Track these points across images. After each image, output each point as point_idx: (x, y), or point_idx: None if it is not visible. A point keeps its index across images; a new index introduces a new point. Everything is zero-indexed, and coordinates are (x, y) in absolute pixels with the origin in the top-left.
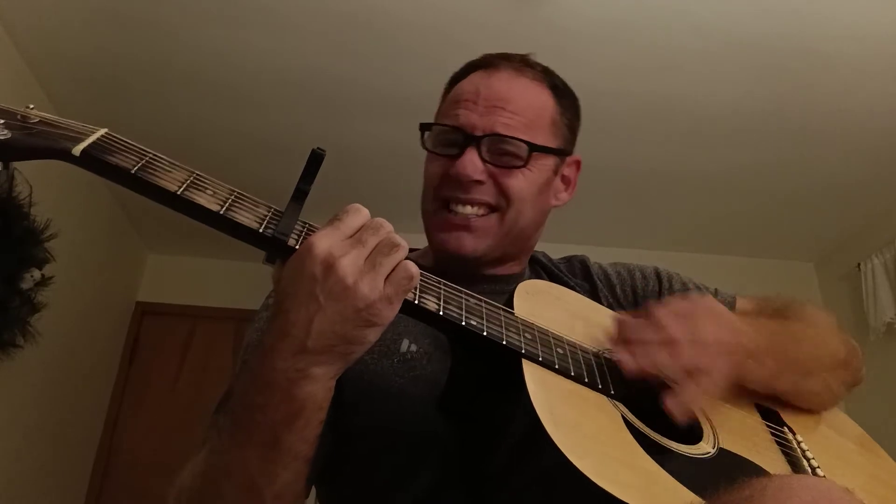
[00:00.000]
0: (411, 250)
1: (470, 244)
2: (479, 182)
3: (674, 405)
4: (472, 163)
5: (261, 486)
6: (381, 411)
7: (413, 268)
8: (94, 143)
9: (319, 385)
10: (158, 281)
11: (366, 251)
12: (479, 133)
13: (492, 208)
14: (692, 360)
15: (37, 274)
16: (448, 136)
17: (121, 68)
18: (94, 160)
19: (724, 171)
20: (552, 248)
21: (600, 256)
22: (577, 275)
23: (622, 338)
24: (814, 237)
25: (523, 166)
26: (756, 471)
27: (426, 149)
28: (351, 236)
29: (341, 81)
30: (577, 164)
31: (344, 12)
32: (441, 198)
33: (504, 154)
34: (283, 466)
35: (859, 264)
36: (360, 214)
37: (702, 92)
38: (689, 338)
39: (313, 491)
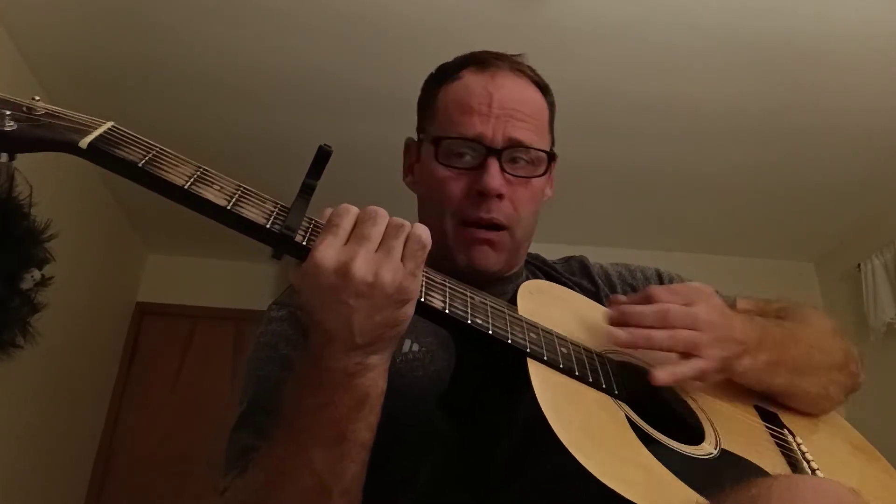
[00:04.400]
0: None
1: (493, 259)
2: (501, 197)
3: (664, 375)
4: (498, 176)
5: (329, 484)
6: (385, 410)
7: (423, 233)
8: (101, 136)
9: (379, 370)
10: (158, 281)
11: (373, 243)
12: (499, 145)
13: (505, 227)
14: (686, 336)
15: (37, 274)
16: (464, 148)
17: (121, 68)
18: (101, 153)
19: (724, 171)
20: (551, 249)
21: (600, 256)
22: (575, 274)
23: (618, 314)
24: (814, 237)
25: (544, 174)
26: (758, 472)
27: (440, 163)
28: (350, 236)
29: (344, 81)
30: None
31: (347, 12)
32: (461, 218)
33: (523, 164)
34: (351, 459)
35: (859, 264)
36: (350, 213)
37: (702, 92)
38: (682, 312)
39: None
